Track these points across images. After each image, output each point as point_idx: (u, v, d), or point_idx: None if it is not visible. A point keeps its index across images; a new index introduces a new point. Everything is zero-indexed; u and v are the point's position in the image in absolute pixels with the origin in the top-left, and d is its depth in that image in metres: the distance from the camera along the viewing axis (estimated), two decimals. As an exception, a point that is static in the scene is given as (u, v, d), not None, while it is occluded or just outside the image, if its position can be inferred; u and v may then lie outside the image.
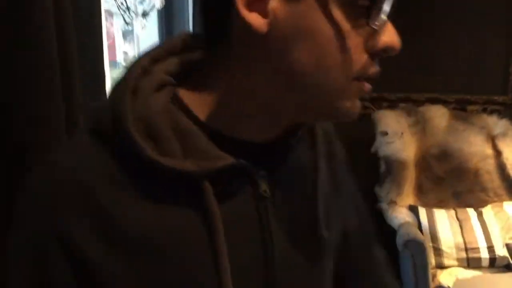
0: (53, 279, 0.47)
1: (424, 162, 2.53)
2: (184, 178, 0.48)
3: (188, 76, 0.53)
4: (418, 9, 2.73)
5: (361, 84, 0.50)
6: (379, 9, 0.46)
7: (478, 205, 2.43)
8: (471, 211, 2.36)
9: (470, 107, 2.75)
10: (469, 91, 2.75)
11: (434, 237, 2.27)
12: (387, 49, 0.48)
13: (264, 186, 0.53)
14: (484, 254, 2.22)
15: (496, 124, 2.52)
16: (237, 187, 0.52)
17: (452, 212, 2.37)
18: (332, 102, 0.50)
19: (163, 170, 0.47)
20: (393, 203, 2.44)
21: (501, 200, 2.43)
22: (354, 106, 0.51)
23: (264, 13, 0.46)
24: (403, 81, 2.85)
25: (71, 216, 0.46)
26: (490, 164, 2.47)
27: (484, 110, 2.72)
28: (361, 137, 2.73)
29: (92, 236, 0.46)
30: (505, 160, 2.45)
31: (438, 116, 2.56)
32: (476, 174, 2.48)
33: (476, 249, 2.23)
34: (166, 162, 0.47)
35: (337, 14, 0.46)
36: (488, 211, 2.36)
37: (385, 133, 2.49)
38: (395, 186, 2.45)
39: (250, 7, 0.46)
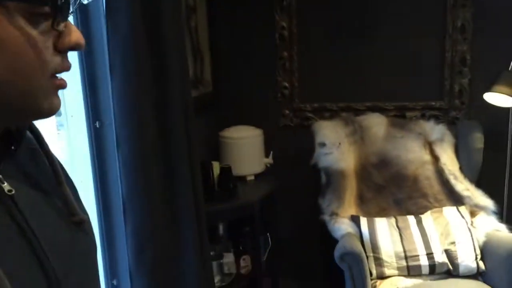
0: None
1: (364, 172, 2.52)
2: None
3: None
4: (356, 21, 2.75)
5: (58, 80, 0.55)
6: (59, 15, 0.52)
7: (419, 212, 2.42)
8: (411, 219, 2.35)
9: (409, 114, 2.76)
10: (407, 98, 2.77)
11: (374, 247, 2.25)
12: (74, 47, 0.55)
13: (7, 187, 0.55)
14: (424, 262, 2.21)
15: (433, 129, 2.53)
16: None
17: (393, 220, 2.36)
18: (35, 102, 0.54)
19: None
20: (334, 214, 2.42)
21: (442, 205, 2.43)
22: (55, 102, 0.56)
23: None
24: (344, 91, 2.86)
25: None
26: (428, 170, 2.48)
27: (423, 116, 2.74)
28: (306, 149, 2.72)
29: None
30: (442, 166, 2.45)
31: (376, 124, 2.56)
32: (415, 180, 2.48)
33: (416, 257, 2.22)
34: None
35: (22, 22, 0.50)
36: (427, 217, 2.35)
37: (323, 144, 2.48)
38: (335, 197, 2.43)
39: None
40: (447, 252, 2.22)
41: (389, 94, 2.79)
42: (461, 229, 2.27)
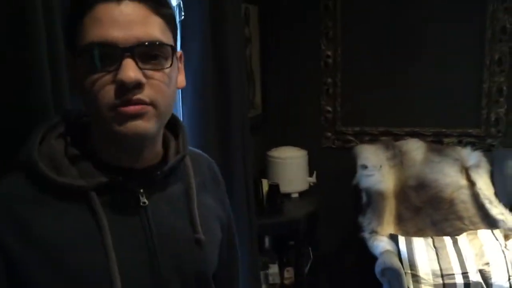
0: None
1: (402, 193, 2.68)
2: (78, 191, 0.70)
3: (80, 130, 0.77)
4: (396, 51, 2.94)
5: (121, 110, 0.68)
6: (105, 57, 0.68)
7: (455, 233, 2.57)
8: (447, 239, 2.50)
9: (446, 140, 2.92)
10: (445, 124, 2.93)
11: (412, 264, 2.40)
12: (122, 83, 0.67)
13: (143, 199, 0.74)
14: (459, 280, 2.35)
15: (469, 155, 2.68)
16: (121, 199, 0.73)
17: (430, 240, 2.51)
18: (109, 128, 0.70)
19: (61, 187, 0.69)
20: (374, 232, 2.58)
21: (477, 228, 2.56)
22: (123, 128, 0.69)
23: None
24: (384, 116, 3.04)
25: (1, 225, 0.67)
26: (464, 194, 2.63)
27: (460, 143, 2.89)
28: (347, 169, 2.90)
29: (15, 238, 0.67)
30: (478, 190, 2.60)
31: (415, 149, 2.73)
32: (451, 203, 2.63)
33: (452, 275, 2.36)
34: (62, 179, 0.70)
35: (82, 64, 0.69)
36: (463, 238, 2.49)
37: (365, 167, 2.66)
38: (375, 216, 2.60)
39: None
40: (481, 272, 2.36)
41: (427, 120, 2.96)
42: (495, 251, 2.40)
